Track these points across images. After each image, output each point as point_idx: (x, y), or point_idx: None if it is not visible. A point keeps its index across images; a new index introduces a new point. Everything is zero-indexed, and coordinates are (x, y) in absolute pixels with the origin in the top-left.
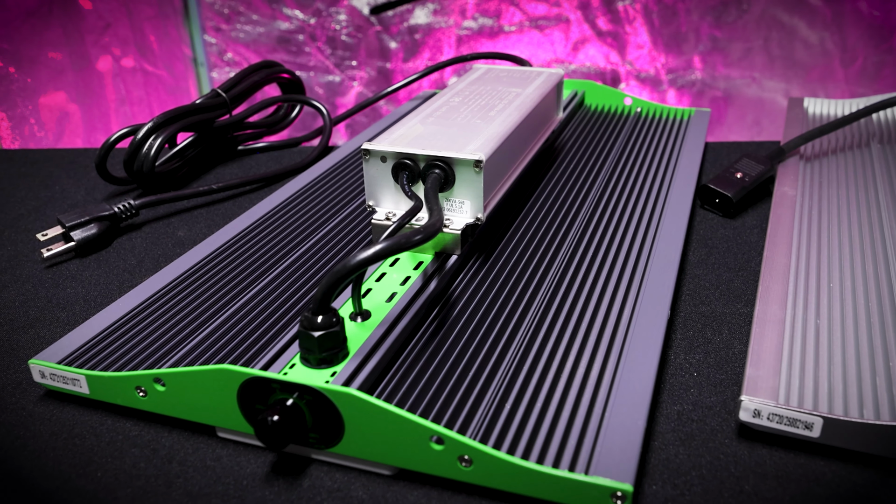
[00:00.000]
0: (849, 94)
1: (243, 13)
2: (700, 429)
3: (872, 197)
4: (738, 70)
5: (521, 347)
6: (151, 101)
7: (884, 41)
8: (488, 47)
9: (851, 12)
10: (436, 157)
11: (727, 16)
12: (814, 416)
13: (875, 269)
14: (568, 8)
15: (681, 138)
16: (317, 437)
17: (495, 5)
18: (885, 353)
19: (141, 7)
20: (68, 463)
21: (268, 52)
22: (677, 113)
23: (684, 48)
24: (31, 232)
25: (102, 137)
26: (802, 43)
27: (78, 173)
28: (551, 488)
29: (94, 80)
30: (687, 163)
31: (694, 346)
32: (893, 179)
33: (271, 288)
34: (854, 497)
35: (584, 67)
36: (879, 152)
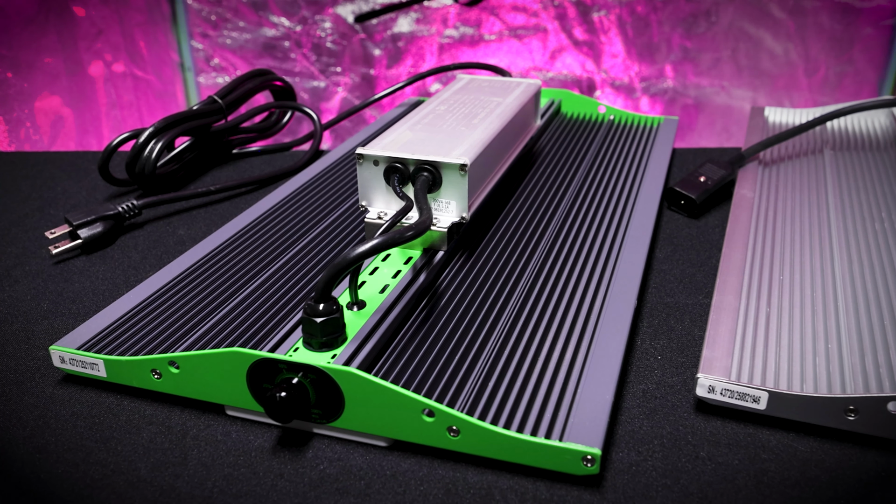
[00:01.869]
0: (812, 102)
1: (230, 20)
2: (662, 404)
3: (822, 199)
4: (707, 79)
5: (504, 332)
6: (141, 106)
7: (844, 52)
8: (469, 55)
9: (814, 25)
10: (424, 161)
11: (697, 27)
12: (760, 390)
13: (821, 263)
14: (545, 18)
15: (650, 144)
16: (319, 413)
17: (476, 15)
18: (825, 336)
19: (131, 14)
20: (90, 438)
21: (254, 58)
22: (647, 121)
23: (657, 57)
24: (38, 230)
25: (94, 140)
26: (768, 54)
27: (78, 175)
28: (530, 454)
29: (87, 85)
30: (655, 167)
31: (659, 332)
32: (842, 183)
33: (273, 280)
34: (795, 461)
35: (562, 75)
36: (831, 158)
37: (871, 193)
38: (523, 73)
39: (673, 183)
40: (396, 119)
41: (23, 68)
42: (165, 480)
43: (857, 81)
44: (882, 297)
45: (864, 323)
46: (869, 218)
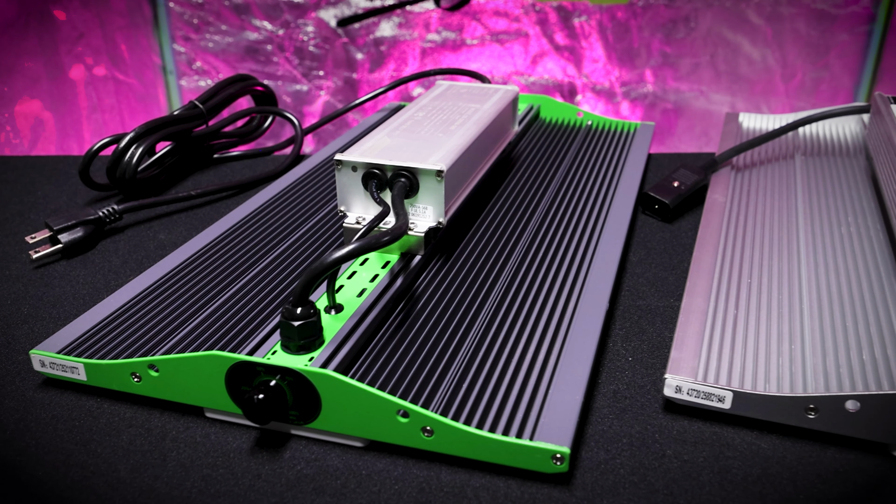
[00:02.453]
0: (789, 107)
1: (212, 23)
2: (631, 404)
3: (792, 203)
4: (687, 84)
5: (478, 334)
6: (122, 109)
7: (820, 58)
8: (451, 60)
9: (790, 31)
10: (401, 167)
11: (676, 33)
12: (725, 390)
13: (788, 266)
14: (527, 23)
15: (626, 149)
16: (296, 415)
17: (458, 19)
18: (789, 337)
19: (113, 17)
20: (70, 441)
21: (236, 62)
22: (624, 126)
23: (637, 62)
24: (18, 235)
25: (75, 144)
26: (746, 59)
27: (59, 179)
28: (502, 453)
29: (68, 89)
30: (630, 172)
31: (630, 335)
32: (811, 188)
33: (252, 284)
34: (758, 458)
35: (543, 80)
36: (802, 163)
37: (839, 198)
38: (505, 78)
39: (647, 188)
40: (377, 123)
41: (2, 72)
42: (145, 482)
43: (832, 87)
44: (845, 299)
45: (826, 324)
46: (836, 222)
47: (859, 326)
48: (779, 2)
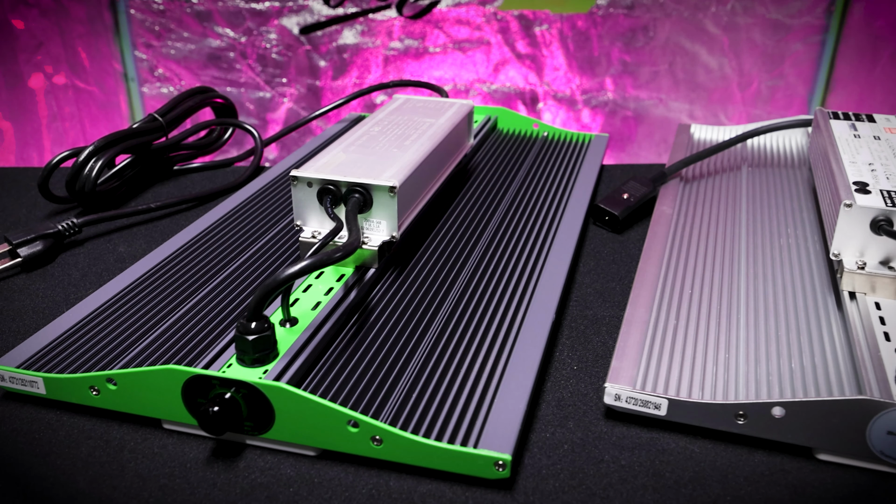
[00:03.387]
0: (745, 115)
1: (174, 30)
2: (574, 412)
3: (736, 215)
4: (646, 91)
5: (429, 346)
6: (83, 117)
7: (775, 67)
8: (414, 68)
9: (746, 41)
10: (355, 183)
11: (635, 42)
12: (661, 398)
13: (729, 277)
14: (489, 32)
15: (580, 161)
16: (251, 425)
17: (420, 28)
18: (726, 347)
19: (72, 25)
20: (30, 454)
21: (199, 69)
22: (579, 137)
23: (597, 71)
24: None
25: (35, 154)
26: (703, 68)
27: (18, 192)
28: (447, 460)
29: (27, 98)
30: (583, 183)
31: (577, 344)
32: (755, 199)
33: (210, 297)
34: (690, 462)
35: (505, 87)
36: (748, 175)
37: (781, 210)
38: (468, 85)
39: (598, 200)
40: (337, 135)
41: None
42: (103, 492)
43: (787, 95)
44: (780, 309)
45: (761, 334)
46: (776, 234)
47: (791, 336)
48: (735, 12)
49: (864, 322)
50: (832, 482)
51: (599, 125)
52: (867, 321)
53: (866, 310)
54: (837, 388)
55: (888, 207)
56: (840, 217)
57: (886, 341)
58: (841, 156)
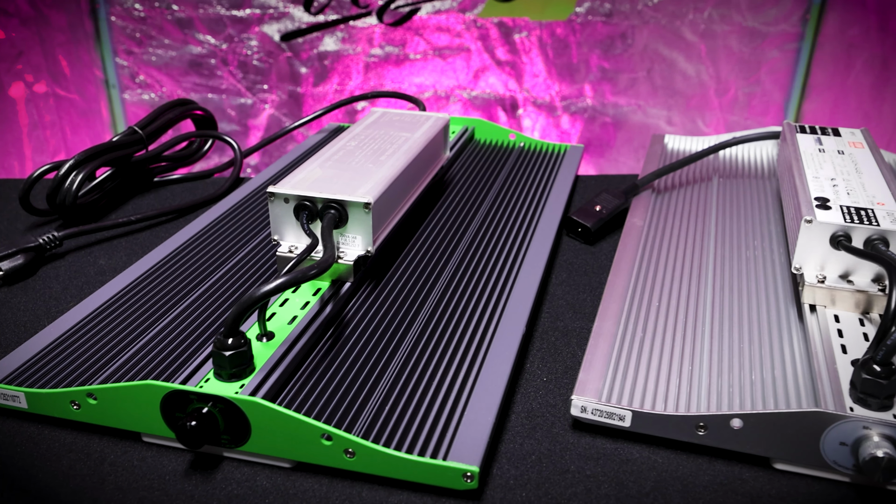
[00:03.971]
0: (723, 121)
1: (155, 37)
2: (543, 422)
3: (706, 227)
4: (624, 98)
5: (402, 359)
6: (64, 125)
7: (752, 74)
8: (394, 74)
9: (723, 48)
10: (331, 200)
11: (614, 49)
12: (626, 410)
13: (696, 290)
14: (469, 39)
15: (555, 172)
16: (228, 438)
17: (401, 35)
18: (690, 359)
19: (53, 34)
20: (12, 467)
21: (180, 75)
22: (554, 148)
23: (576, 77)
24: None
25: (16, 162)
26: (681, 75)
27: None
28: (417, 472)
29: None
30: (557, 195)
31: (547, 356)
32: (725, 211)
33: (188, 312)
34: (653, 471)
35: (485, 94)
36: (718, 186)
37: (749, 222)
38: (448, 92)
39: (571, 212)
40: (318, 144)
41: None
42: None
43: (764, 102)
44: (744, 322)
45: (724, 347)
46: (744, 246)
47: (753, 348)
48: (712, 19)
49: (822, 335)
50: (787, 491)
51: (579, 131)
52: (826, 334)
53: (825, 322)
54: (795, 399)
55: (846, 223)
56: (801, 232)
57: (843, 354)
58: (805, 170)
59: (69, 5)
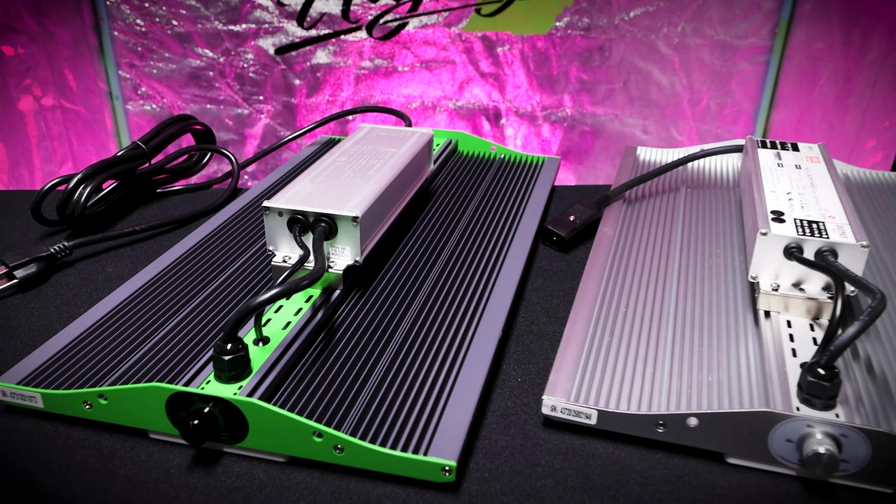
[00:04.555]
0: (696, 129)
1: (156, 51)
2: (517, 420)
3: (672, 235)
4: (602, 108)
5: (387, 362)
6: (70, 136)
7: (723, 85)
8: (383, 86)
9: (696, 60)
10: (322, 214)
11: (592, 61)
12: (592, 409)
13: (662, 296)
14: (454, 52)
15: (533, 182)
16: (227, 435)
17: (389, 48)
18: (652, 362)
19: (59, 49)
20: (31, 461)
21: (180, 87)
22: (532, 159)
23: (556, 88)
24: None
25: (26, 172)
26: (656, 86)
27: (12, 215)
28: (400, 466)
29: (17, 120)
30: (534, 205)
31: (522, 358)
32: (690, 220)
33: (190, 317)
34: (616, 465)
35: (470, 104)
36: (686, 196)
37: (713, 230)
38: (435, 102)
39: (547, 221)
40: (311, 156)
41: None
42: (96, 496)
43: (734, 111)
44: (704, 326)
45: (685, 350)
46: (706, 254)
47: (711, 351)
48: (685, 33)
49: (775, 339)
50: (738, 483)
51: (559, 139)
52: (778, 338)
53: (778, 328)
54: (747, 399)
55: (799, 236)
56: (757, 244)
57: (793, 357)
58: (763, 184)
59: (74, 21)
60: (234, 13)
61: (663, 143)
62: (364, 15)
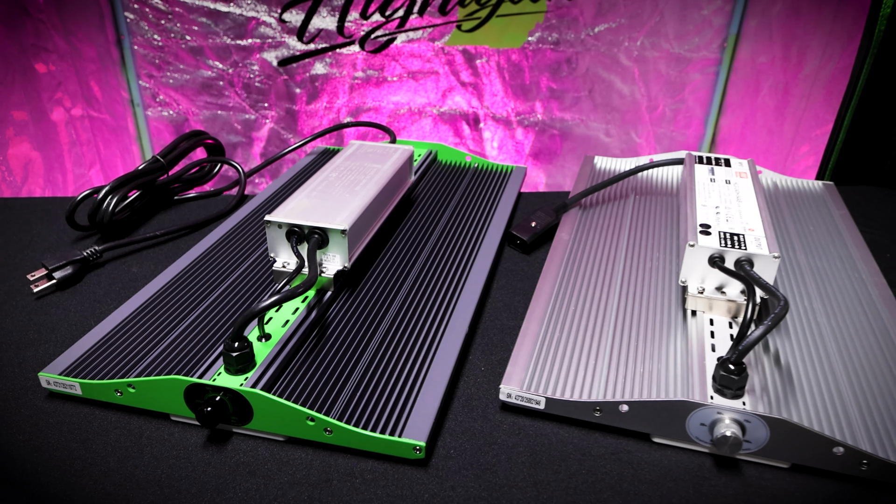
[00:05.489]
0: (653, 133)
1: (172, 63)
2: (479, 405)
3: (619, 241)
4: (570, 113)
5: (370, 355)
6: (97, 141)
7: (677, 93)
8: (374, 94)
9: (654, 71)
10: (315, 227)
11: (560, 72)
12: (540, 396)
13: (607, 296)
14: (437, 63)
15: (502, 190)
16: (236, 419)
17: (380, 60)
18: (595, 355)
19: (85, 64)
20: (72, 440)
21: (193, 95)
22: (501, 168)
23: (529, 96)
24: (20, 271)
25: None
26: (618, 94)
27: (49, 220)
28: (379, 445)
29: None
30: (502, 211)
31: (486, 350)
32: (636, 225)
33: (205, 315)
34: (559, 443)
35: (452, 110)
36: (634, 203)
37: (654, 236)
38: (420, 108)
39: (512, 227)
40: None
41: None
42: (127, 469)
43: (687, 117)
44: (641, 323)
45: (623, 344)
46: (648, 257)
47: (644, 345)
48: (644, 47)
49: (698, 335)
50: (660, 458)
51: (531, 142)
52: (701, 335)
53: (702, 326)
54: (672, 389)
55: (722, 247)
56: (686, 253)
57: (712, 352)
58: (696, 199)
59: (98, 38)
60: (240, 29)
61: (624, 144)
62: (357, 31)
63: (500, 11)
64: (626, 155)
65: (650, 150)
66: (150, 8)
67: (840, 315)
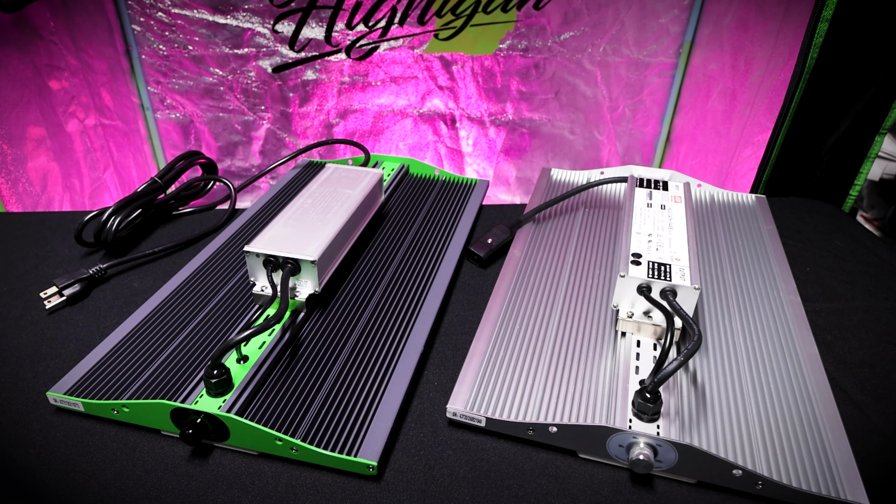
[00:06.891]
0: (613, 131)
1: (176, 70)
2: (430, 420)
3: (565, 259)
4: (538, 114)
5: (334, 377)
6: (111, 146)
7: (636, 95)
8: (360, 97)
9: (615, 75)
10: (288, 258)
11: (529, 77)
12: (481, 416)
13: (549, 317)
14: (417, 69)
15: (465, 203)
16: (216, 436)
17: (364, 67)
18: (533, 377)
19: (96, 77)
20: (74, 452)
21: (197, 99)
22: (466, 181)
23: (500, 98)
24: (35, 286)
25: (76, 182)
26: (582, 95)
27: (62, 235)
28: (337, 463)
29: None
30: (463, 226)
31: (441, 365)
32: (583, 239)
33: (191, 337)
34: (495, 457)
35: (431, 111)
36: (584, 217)
37: (600, 249)
38: (402, 110)
39: (470, 243)
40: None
41: (15, 140)
42: (122, 481)
43: (644, 116)
44: (576, 345)
45: (559, 365)
46: (590, 275)
47: (577, 366)
48: (606, 52)
49: (626, 357)
50: (585, 473)
51: (503, 139)
52: (628, 356)
53: (630, 347)
54: (598, 414)
55: (649, 278)
56: (617, 283)
57: (635, 374)
58: (631, 226)
59: (108, 51)
60: (237, 39)
61: (587, 142)
62: (343, 40)
63: (474, 21)
64: (588, 150)
65: (611, 146)
66: (154, 21)
67: (756, 335)
